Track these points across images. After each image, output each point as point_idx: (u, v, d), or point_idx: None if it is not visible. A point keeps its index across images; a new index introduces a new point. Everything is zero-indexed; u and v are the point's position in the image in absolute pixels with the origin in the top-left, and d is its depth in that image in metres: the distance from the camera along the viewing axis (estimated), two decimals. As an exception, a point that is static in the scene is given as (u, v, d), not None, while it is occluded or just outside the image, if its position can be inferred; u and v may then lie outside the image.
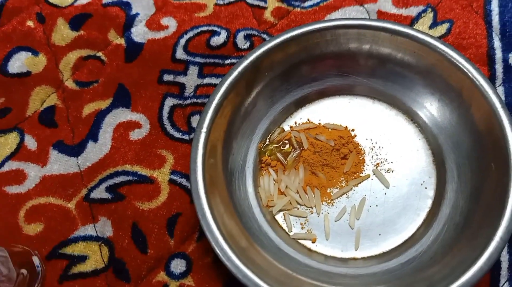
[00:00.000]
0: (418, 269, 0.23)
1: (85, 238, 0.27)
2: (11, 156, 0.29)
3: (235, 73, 0.26)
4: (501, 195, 0.22)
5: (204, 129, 0.25)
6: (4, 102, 0.30)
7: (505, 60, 0.30)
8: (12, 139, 0.29)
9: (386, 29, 0.27)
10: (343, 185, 0.27)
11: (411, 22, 0.31)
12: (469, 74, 0.25)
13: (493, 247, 0.21)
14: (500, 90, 0.29)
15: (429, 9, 0.32)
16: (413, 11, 0.32)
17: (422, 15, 0.32)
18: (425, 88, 0.27)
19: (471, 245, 0.22)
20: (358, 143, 0.28)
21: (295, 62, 0.27)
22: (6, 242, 0.27)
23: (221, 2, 0.33)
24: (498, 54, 0.30)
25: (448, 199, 0.25)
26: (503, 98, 0.28)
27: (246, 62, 0.26)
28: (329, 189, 0.27)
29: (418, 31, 0.26)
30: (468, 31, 0.31)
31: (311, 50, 0.27)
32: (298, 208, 0.27)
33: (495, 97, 0.24)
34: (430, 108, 0.27)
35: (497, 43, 0.30)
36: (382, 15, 0.32)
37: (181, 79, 0.31)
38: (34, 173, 0.28)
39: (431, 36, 0.26)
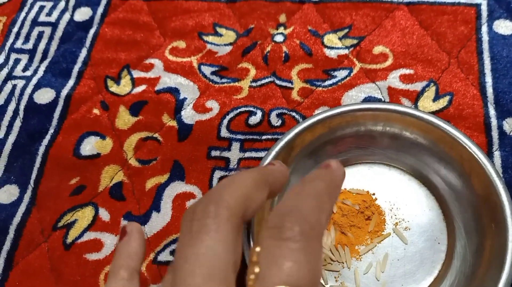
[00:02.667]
0: (436, 315, 0.28)
1: (156, 297, 0.32)
2: (88, 227, 0.35)
3: (273, 153, 0.32)
4: (501, 251, 0.27)
5: (251, 202, 0.31)
6: (80, 180, 0.36)
7: (500, 127, 0.35)
8: (88, 212, 0.35)
9: (396, 111, 0.32)
10: (369, 243, 0.32)
11: (417, 96, 0.37)
12: (468, 148, 0.30)
13: (496, 296, 0.26)
14: (497, 154, 0.34)
15: (432, 84, 0.37)
16: (418, 86, 0.37)
17: (426, 89, 0.37)
18: (432, 158, 0.32)
19: (478, 294, 0.27)
20: (379, 205, 0.33)
21: (322, 141, 0.33)
22: (90, 300, 0.32)
23: (254, 85, 0.39)
24: (494, 122, 0.35)
25: (458, 253, 0.30)
26: (499, 162, 0.34)
27: (282, 143, 0.32)
28: (356, 246, 0.32)
29: (423, 111, 0.32)
30: (467, 102, 0.36)
31: (334, 130, 0.33)
32: (331, 264, 0.32)
33: (491, 168, 0.29)
34: (438, 175, 0.32)
35: (492, 112, 0.36)
36: (392, 91, 0.37)
37: (226, 154, 0.36)
38: (109, 241, 0.34)
39: (434, 116, 0.32)
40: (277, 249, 0.17)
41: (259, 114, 0.38)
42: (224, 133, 0.37)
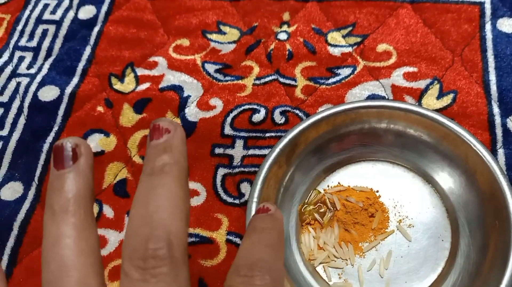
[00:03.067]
0: (440, 312, 0.28)
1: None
2: (93, 224, 0.35)
3: (277, 150, 0.32)
4: (505, 248, 0.27)
5: (255, 199, 0.31)
6: (84, 177, 0.37)
7: (503, 125, 0.35)
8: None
9: (400, 108, 0.32)
10: (372, 240, 0.32)
11: (421, 93, 0.37)
12: (472, 145, 0.30)
13: (500, 293, 0.26)
14: (501, 152, 0.34)
15: (436, 81, 0.37)
16: (421, 84, 0.37)
17: (430, 87, 0.37)
18: (436, 156, 0.32)
19: (482, 291, 0.27)
20: (382, 203, 0.33)
21: (326, 138, 0.33)
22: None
23: (258, 82, 0.39)
24: (497, 120, 0.35)
25: (462, 251, 0.30)
26: (503, 159, 0.34)
27: (285, 140, 0.32)
28: (360, 243, 0.32)
29: (427, 109, 0.32)
30: (470, 100, 0.36)
31: (338, 128, 0.33)
32: (335, 261, 0.32)
33: (495, 165, 0.29)
34: (442, 172, 0.32)
35: (496, 110, 0.36)
36: (395, 89, 0.37)
37: (229, 151, 0.36)
38: (113, 238, 0.34)
39: (438, 113, 0.32)
40: None
41: (262, 111, 0.38)
42: (227, 130, 0.37)
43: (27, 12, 0.46)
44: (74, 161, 0.20)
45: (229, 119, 0.38)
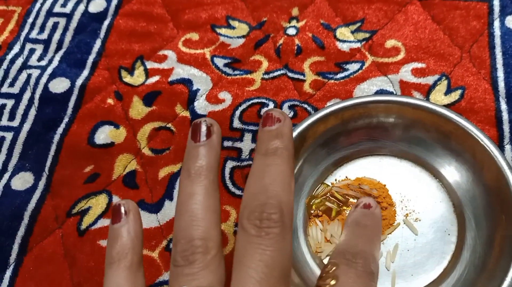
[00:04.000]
0: (445, 304, 0.29)
1: (164, 283, 0.33)
2: (102, 215, 0.35)
3: (286, 143, 0.32)
4: (511, 242, 0.28)
5: (263, 191, 0.31)
6: (94, 169, 0.37)
7: (511, 121, 0.35)
8: (102, 199, 0.36)
9: (408, 103, 0.33)
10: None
11: (429, 89, 0.37)
12: (480, 140, 0.30)
13: (506, 286, 0.26)
14: (508, 148, 0.34)
15: (444, 77, 0.38)
16: (430, 79, 0.38)
17: (438, 83, 0.37)
18: (444, 151, 0.33)
19: (488, 285, 0.27)
20: (390, 196, 0.33)
21: (334, 132, 0.33)
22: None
23: (267, 77, 0.40)
24: (505, 116, 0.35)
25: (468, 245, 0.30)
26: (510, 155, 0.34)
27: (294, 134, 0.32)
28: (367, 236, 0.32)
29: (435, 104, 0.32)
30: (478, 96, 0.36)
31: (347, 122, 0.33)
32: (342, 253, 0.32)
33: (503, 160, 0.30)
34: (449, 167, 0.33)
35: (503, 106, 0.36)
36: (403, 84, 0.38)
37: (238, 144, 0.37)
38: (123, 228, 0.35)
39: (446, 108, 0.32)
40: (353, 276, 0.24)
41: (271, 105, 0.38)
42: (236, 124, 0.37)
43: (37, 5, 0.46)
44: (208, 137, 0.25)
45: (237, 113, 0.38)
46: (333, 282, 0.23)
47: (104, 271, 0.24)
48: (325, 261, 0.32)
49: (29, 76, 0.42)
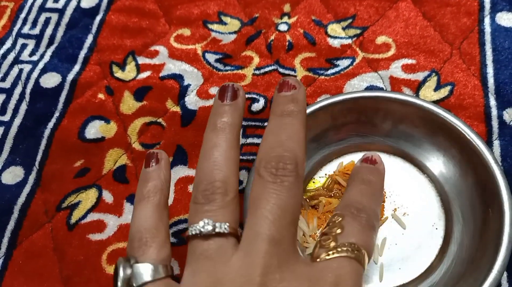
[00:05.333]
0: (432, 298, 0.29)
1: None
2: (92, 209, 0.35)
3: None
4: (497, 235, 0.28)
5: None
6: (84, 163, 0.37)
7: (500, 117, 0.35)
8: (92, 194, 0.36)
9: (397, 99, 0.33)
10: (367, 228, 0.32)
11: (419, 85, 0.37)
12: (467, 135, 0.31)
13: (492, 279, 0.27)
14: (496, 143, 0.34)
15: (434, 74, 0.38)
16: (419, 75, 0.38)
17: (428, 79, 0.38)
18: (432, 146, 0.33)
19: (474, 277, 0.27)
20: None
21: (323, 128, 0.34)
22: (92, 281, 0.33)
23: (258, 72, 0.40)
24: (494, 112, 0.35)
25: (455, 238, 0.30)
26: (499, 151, 0.34)
27: (283, 128, 0.33)
28: (355, 231, 0.32)
29: (423, 100, 0.32)
30: (468, 92, 0.37)
31: (336, 117, 0.34)
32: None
33: (489, 155, 0.30)
34: (437, 162, 0.33)
35: (492, 102, 0.36)
36: (394, 80, 0.38)
37: (228, 139, 0.37)
38: (112, 222, 0.35)
39: (434, 104, 0.32)
40: (357, 227, 0.25)
41: (261, 101, 0.38)
42: (227, 119, 0.37)
43: (30, 0, 0.46)
44: (233, 99, 0.27)
45: (228, 108, 0.38)
46: (339, 231, 0.25)
47: (133, 208, 0.26)
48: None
49: (21, 71, 0.42)
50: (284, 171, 0.24)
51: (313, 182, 0.34)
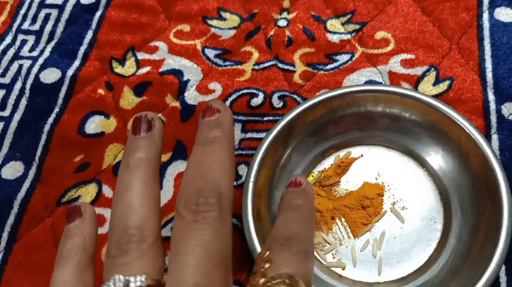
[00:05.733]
0: (431, 291, 0.29)
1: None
2: (92, 203, 0.35)
3: (274, 132, 0.33)
4: (496, 229, 0.28)
5: (252, 179, 0.31)
6: (84, 158, 0.37)
7: (498, 111, 0.35)
8: (92, 188, 0.36)
9: (396, 93, 0.33)
10: (367, 222, 0.32)
11: (417, 80, 0.37)
12: (466, 129, 0.31)
13: (490, 272, 0.27)
14: (495, 137, 0.34)
15: (432, 69, 0.38)
16: (418, 70, 0.38)
17: (427, 74, 0.38)
18: (431, 140, 0.33)
19: (472, 271, 0.28)
20: (377, 184, 0.33)
21: (322, 121, 0.34)
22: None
23: (257, 68, 0.40)
24: (492, 106, 0.36)
25: (454, 232, 0.30)
26: (497, 145, 0.34)
27: (282, 123, 0.33)
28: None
29: (422, 93, 0.32)
30: (466, 86, 0.37)
31: (335, 111, 0.34)
32: (327, 246, 0.32)
33: (488, 148, 0.30)
34: (436, 156, 0.33)
35: (491, 97, 0.36)
36: (392, 75, 0.38)
37: (227, 134, 0.37)
38: (112, 216, 0.35)
39: (433, 98, 0.32)
40: (287, 256, 0.23)
41: (261, 96, 0.38)
42: (226, 114, 0.38)
43: (30, -4, 0.46)
44: (148, 130, 0.25)
45: (228, 103, 0.38)
46: (267, 265, 0.23)
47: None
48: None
49: (21, 66, 0.42)
50: (206, 207, 0.21)
51: (312, 176, 0.34)
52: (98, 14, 0.44)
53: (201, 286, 0.20)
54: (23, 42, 0.43)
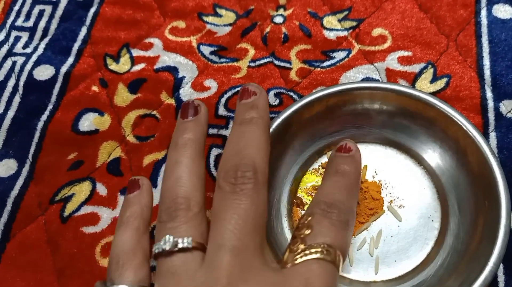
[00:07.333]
0: (428, 290, 0.29)
1: (153, 268, 0.32)
2: (85, 201, 0.35)
3: (270, 130, 0.32)
4: (494, 227, 0.27)
5: (247, 177, 0.31)
6: (78, 156, 0.37)
7: (496, 108, 0.35)
8: (85, 187, 0.36)
9: (393, 90, 0.32)
10: (363, 221, 0.32)
11: (415, 77, 0.37)
12: (463, 126, 0.30)
13: (487, 271, 0.26)
14: (493, 135, 0.34)
15: (430, 66, 0.38)
16: (416, 67, 0.38)
17: (424, 71, 0.37)
18: (428, 137, 0.33)
19: (470, 269, 0.27)
20: (375, 182, 0.33)
21: (319, 119, 0.33)
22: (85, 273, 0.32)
23: (253, 65, 0.39)
24: (490, 104, 0.35)
25: (451, 230, 0.30)
26: (495, 142, 0.34)
27: (278, 120, 0.32)
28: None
29: (420, 91, 0.32)
30: (464, 84, 0.36)
31: (331, 108, 0.33)
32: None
33: (486, 146, 0.30)
34: (433, 154, 0.33)
35: (489, 94, 0.36)
36: (390, 72, 0.38)
37: (223, 132, 0.36)
38: (106, 215, 0.34)
39: (430, 95, 0.32)
40: (327, 225, 0.24)
41: (257, 93, 0.38)
42: (222, 111, 0.37)
43: (23, -7, 0.46)
44: (195, 115, 0.27)
45: (223, 100, 0.38)
46: (307, 232, 0.24)
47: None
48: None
49: (14, 63, 0.41)
50: (243, 179, 0.24)
51: (310, 173, 0.34)
52: (92, 10, 0.44)
53: (237, 248, 0.22)
54: (17, 38, 0.43)
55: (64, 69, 0.40)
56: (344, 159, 0.28)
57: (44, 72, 0.40)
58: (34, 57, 0.41)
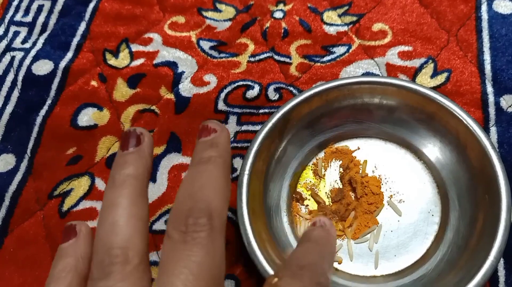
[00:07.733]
0: (428, 285, 0.28)
1: (150, 264, 0.32)
2: (84, 196, 0.35)
3: (270, 125, 0.32)
4: (494, 221, 0.27)
5: (246, 172, 0.31)
6: (76, 151, 0.37)
7: (497, 103, 0.35)
8: (84, 181, 0.35)
9: (392, 84, 0.32)
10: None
11: (415, 72, 0.37)
12: (464, 120, 0.30)
13: (488, 265, 0.26)
14: (493, 130, 0.34)
15: (430, 61, 0.37)
16: (416, 62, 0.37)
17: (424, 66, 0.37)
18: (428, 132, 0.32)
19: (470, 264, 0.27)
20: (375, 177, 0.33)
21: (318, 114, 0.33)
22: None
23: (253, 59, 0.39)
24: (491, 98, 0.35)
25: (451, 225, 0.30)
26: (496, 137, 0.34)
27: (278, 115, 0.32)
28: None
29: (420, 85, 0.32)
30: (464, 79, 0.36)
31: (331, 103, 0.33)
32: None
33: (486, 140, 0.29)
34: (433, 148, 0.32)
35: (489, 89, 0.36)
36: (390, 67, 0.37)
37: (222, 127, 0.36)
38: (105, 210, 0.34)
39: (430, 89, 0.32)
40: (297, 284, 0.21)
41: (256, 88, 0.38)
42: (221, 106, 0.37)
43: (22, -12, 0.45)
44: (137, 145, 0.24)
45: (223, 95, 0.37)
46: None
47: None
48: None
49: (13, 58, 0.41)
50: (195, 227, 0.21)
51: (311, 169, 0.34)
52: (91, 5, 0.44)
53: None
54: (16, 33, 0.43)
55: (63, 64, 0.40)
56: (319, 230, 0.25)
57: (43, 67, 0.40)
58: (33, 52, 0.41)
